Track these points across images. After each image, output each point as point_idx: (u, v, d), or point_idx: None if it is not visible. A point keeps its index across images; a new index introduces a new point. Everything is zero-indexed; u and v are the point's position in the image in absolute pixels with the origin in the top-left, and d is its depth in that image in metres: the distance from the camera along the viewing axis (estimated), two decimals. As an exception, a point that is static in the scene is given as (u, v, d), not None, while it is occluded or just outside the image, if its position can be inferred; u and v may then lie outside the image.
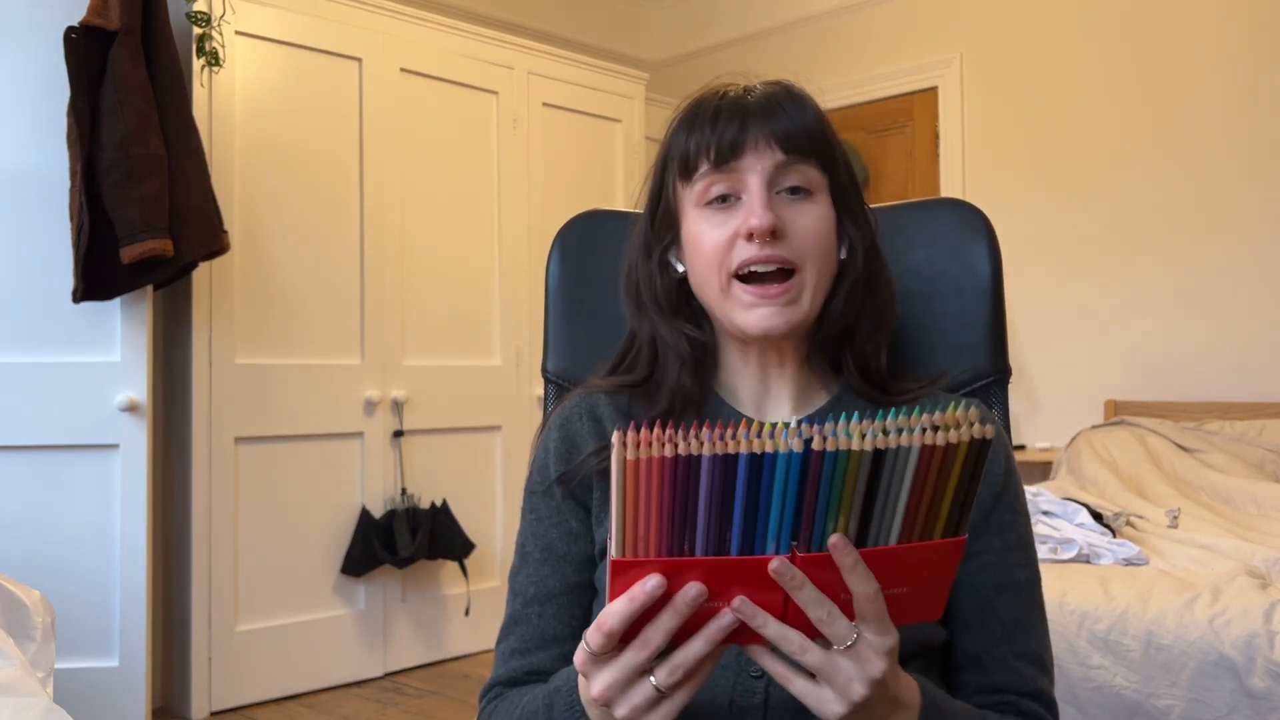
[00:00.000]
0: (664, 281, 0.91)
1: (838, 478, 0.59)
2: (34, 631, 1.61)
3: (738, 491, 0.60)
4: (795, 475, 0.59)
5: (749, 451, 0.58)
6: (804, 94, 0.88)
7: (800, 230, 0.84)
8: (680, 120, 0.89)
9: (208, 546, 2.83)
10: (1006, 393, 1.03)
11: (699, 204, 0.86)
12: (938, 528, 0.63)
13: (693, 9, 4.98)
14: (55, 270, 2.56)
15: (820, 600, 0.62)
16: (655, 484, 0.59)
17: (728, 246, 0.84)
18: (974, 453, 0.60)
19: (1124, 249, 3.65)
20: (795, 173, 0.84)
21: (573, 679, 0.74)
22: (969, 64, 4.05)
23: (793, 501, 0.60)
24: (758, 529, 0.61)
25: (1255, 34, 3.38)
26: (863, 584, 0.61)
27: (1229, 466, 3.01)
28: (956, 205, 1.06)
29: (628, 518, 0.61)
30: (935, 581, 0.66)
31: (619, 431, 0.59)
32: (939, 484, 0.60)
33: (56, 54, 2.46)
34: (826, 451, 0.58)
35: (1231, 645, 1.81)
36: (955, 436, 0.59)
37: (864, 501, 0.61)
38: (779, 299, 0.83)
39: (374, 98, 3.20)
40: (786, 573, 0.61)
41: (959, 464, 0.60)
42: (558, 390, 1.09)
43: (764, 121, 0.84)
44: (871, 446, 0.58)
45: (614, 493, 0.60)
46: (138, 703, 2.60)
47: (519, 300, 3.58)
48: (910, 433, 0.59)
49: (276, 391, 2.97)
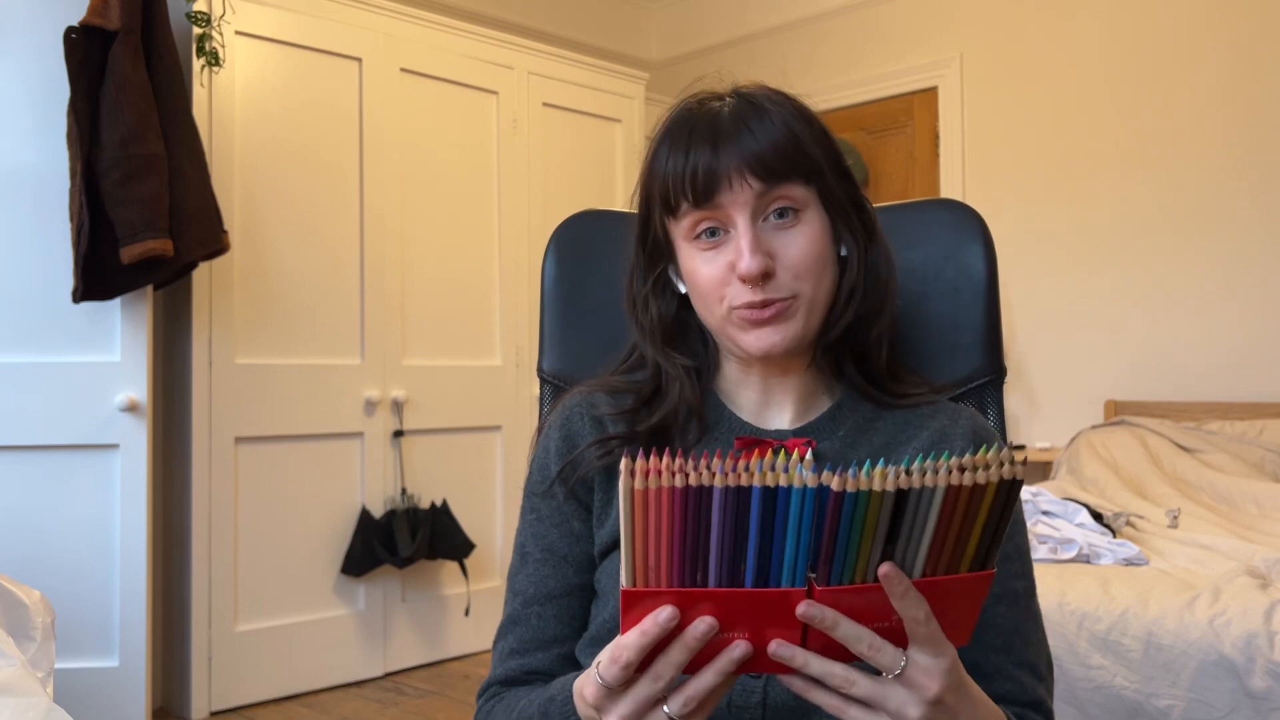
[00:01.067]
0: (661, 306, 0.91)
1: (858, 517, 0.58)
2: (34, 631, 1.61)
3: (751, 524, 0.59)
4: (811, 509, 0.58)
5: (763, 485, 0.57)
6: (774, 102, 0.85)
7: (793, 258, 0.83)
8: (658, 142, 0.88)
9: (208, 546, 2.83)
10: (1002, 393, 1.03)
11: (688, 238, 0.86)
12: (964, 563, 0.62)
13: (693, 9, 4.98)
14: (55, 270, 2.56)
15: (860, 634, 0.62)
16: (665, 514, 0.59)
17: (723, 283, 0.84)
18: (1004, 492, 0.59)
19: (1124, 249, 3.65)
20: (777, 198, 0.83)
21: (568, 689, 0.74)
22: (969, 64, 4.05)
23: (809, 534, 0.59)
24: (772, 561, 0.60)
25: (1255, 34, 3.38)
26: (914, 609, 0.61)
27: (1229, 466, 3.01)
28: (951, 205, 1.06)
29: (637, 547, 0.60)
30: (962, 612, 0.65)
31: (627, 458, 0.58)
32: (966, 522, 0.59)
33: (56, 54, 2.47)
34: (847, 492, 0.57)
35: (1231, 645, 1.81)
36: (984, 477, 0.58)
37: (887, 537, 0.60)
38: (778, 320, 0.83)
39: (374, 98, 3.20)
40: (818, 614, 0.61)
41: (987, 503, 0.59)
42: (554, 390, 1.09)
43: (735, 147, 0.81)
44: (894, 486, 0.57)
45: (622, 521, 0.60)
46: (138, 703, 2.61)
47: (519, 300, 3.58)
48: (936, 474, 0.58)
49: (276, 391, 2.97)
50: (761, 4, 4.68)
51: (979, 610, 0.65)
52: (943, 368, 1.01)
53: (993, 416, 1.01)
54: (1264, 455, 3.04)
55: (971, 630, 0.66)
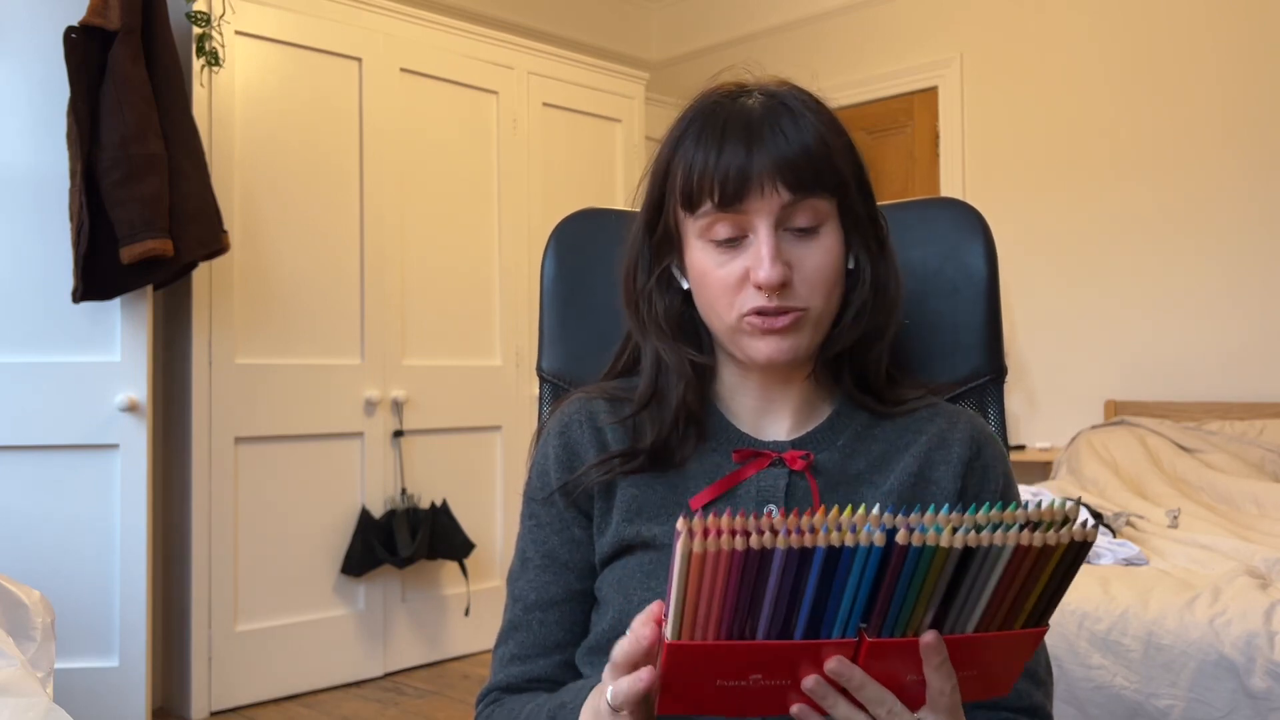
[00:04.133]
0: (666, 300, 0.89)
1: (920, 571, 0.57)
2: (34, 631, 1.61)
3: (810, 582, 0.57)
4: (874, 566, 0.57)
5: (827, 545, 0.56)
6: (807, 105, 0.83)
7: (809, 270, 0.81)
8: (683, 132, 0.84)
9: (207, 546, 2.83)
10: (1002, 392, 1.03)
11: (703, 237, 0.83)
12: (1019, 619, 0.60)
13: (693, 9, 4.98)
14: (55, 270, 2.56)
15: (881, 698, 0.62)
16: (722, 575, 0.57)
17: (736, 288, 0.82)
18: (1071, 554, 0.57)
19: (1124, 249, 3.65)
20: (803, 212, 0.81)
21: (581, 699, 0.74)
22: (969, 64, 4.05)
23: (867, 590, 0.58)
24: (826, 614, 0.59)
25: (1255, 34, 3.38)
26: (943, 680, 0.61)
27: (1229, 466, 3.01)
28: (952, 204, 1.05)
29: (687, 605, 0.58)
30: (1008, 664, 0.64)
31: (684, 519, 0.57)
32: (1028, 582, 0.58)
33: (56, 54, 2.47)
34: (912, 546, 0.56)
35: (1231, 645, 1.80)
36: (1054, 539, 0.56)
37: (945, 594, 0.58)
38: (786, 331, 0.82)
39: (374, 98, 3.20)
40: (845, 673, 0.61)
41: (1053, 564, 0.58)
42: (553, 390, 1.08)
43: (767, 150, 0.79)
44: (962, 544, 0.55)
45: (675, 579, 0.58)
46: (138, 703, 2.61)
47: (519, 300, 3.58)
48: (1005, 530, 0.56)
49: (276, 391, 2.97)
50: (761, 4, 4.68)
51: (1025, 662, 0.64)
52: (943, 367, 1.01)
53: (993, 416, 1.01)
54: (1264, 455, 3.04)
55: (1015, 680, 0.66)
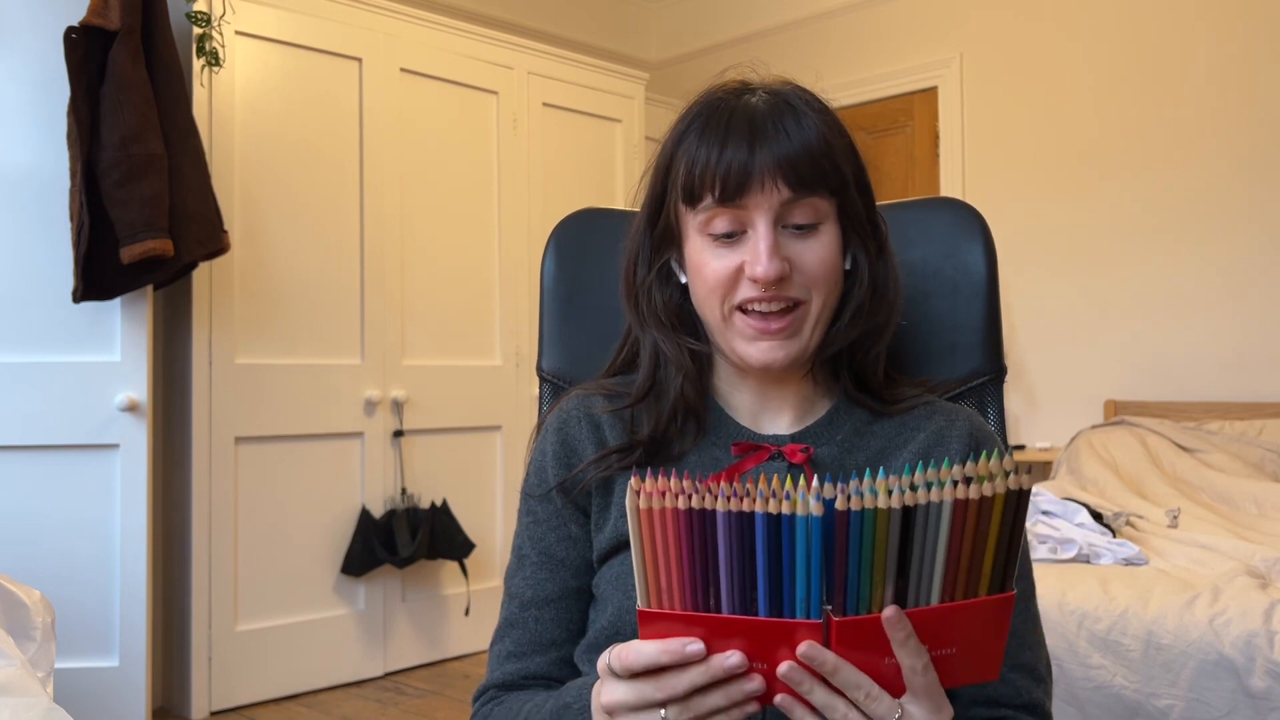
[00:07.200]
0: (665, 293, 0.89)
1: (866, 537, 0.57)
2: (34, 631, 1.61)
3: (758, 550, 0.58)
4: (819, 536, 0.57)
5: (764, 511, 0.57)
6: (810, 105, 0.84)
7: (806, 265, 0.82)
8: (686, 127, 0.85)
9: (208, 546, 2.83)
10: (1002, 392, 1.03)
11: (702, 232, 0.84)
12: (982, 584, 0.60)
13: (693, 9, 4.98)
14: (55, 270, 2.56)
15: (857, 681, 0.62)
16: (671, 534, 0.59)
17: (732, 281, 0.82)
18: (1012, 504, 0.58)
19: (1124, 249, 3.65)
20: (802, 209, 0.81)
21: (585, 698, 0.74)
22: (969, 64, 4.05)
23: (819, 562, 0.58)
24: (784, 589, 0.60)
25: (1253, 35, 3.38)
26: (912, 657, 0.61)
27: (1229, 466, 3.01)
28: (951, 204, 1.05)
29: (648, 566, 0.61)
30: (986, 640, 0.63)
31: (635, 477, 0.59)
32: (978, 538, 0.58)
33: (56, 54, 2.47)
34: (852, 511, 0.56)
35: (1231, 645, 1.80)
36: (990, 489, 0.57)
37: (899, 560, 0.58)
38: (781, 334, 0.82)
39: (374, 98, 3.20)
40: (817, 656, 0.60)
41: (996, 516, 0.58)
42: (553, 389, 1.09)
43: (770, 147, 0.80)
44: (900, 504, 0.56)
45: (632, 540, 0.61)
46: (138, 703, 2.61)
47: (519, 300, 3.58)
48: (941, 487, 0.57)
49: (276, 391, 2.97)
50: (761, 4, 4.68)
51: (1005, 639, 0.64)
52: (942, 367, 1.01)
53: (992, 416, 1.01)
54: (1264, 455, 3.04)
55: (1000, 661, 0.65)
